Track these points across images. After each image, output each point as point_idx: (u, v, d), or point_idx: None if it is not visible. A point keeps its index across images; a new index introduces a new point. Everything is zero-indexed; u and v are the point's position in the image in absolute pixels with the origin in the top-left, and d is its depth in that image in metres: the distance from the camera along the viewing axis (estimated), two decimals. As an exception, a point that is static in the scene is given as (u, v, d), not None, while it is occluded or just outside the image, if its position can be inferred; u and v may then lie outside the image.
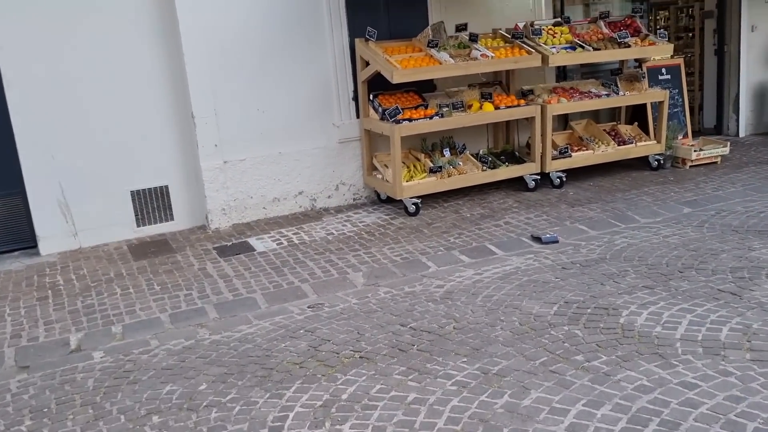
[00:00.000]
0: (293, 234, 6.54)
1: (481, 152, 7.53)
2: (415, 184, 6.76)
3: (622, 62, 8.25)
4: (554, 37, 7.43)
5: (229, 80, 6.60)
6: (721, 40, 9.54)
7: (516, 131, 7.93)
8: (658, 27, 12.83)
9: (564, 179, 7.45)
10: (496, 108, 7.03)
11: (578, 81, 8.14)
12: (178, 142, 6.69)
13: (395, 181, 6.63)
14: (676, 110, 8.62)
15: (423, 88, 7.26)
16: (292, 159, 7.02)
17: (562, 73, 8.54)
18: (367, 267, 5.54)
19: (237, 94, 6.67)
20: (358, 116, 7.19)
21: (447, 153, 7.25)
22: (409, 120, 6.59)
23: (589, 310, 4.30)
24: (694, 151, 8.00)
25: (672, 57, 8.36)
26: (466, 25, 7.10)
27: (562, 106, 7.29)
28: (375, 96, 6.98)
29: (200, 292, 5.24)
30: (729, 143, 8.31)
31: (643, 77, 8.04)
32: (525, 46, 7.13)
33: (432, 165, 6.92)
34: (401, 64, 6.52)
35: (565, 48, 7.31)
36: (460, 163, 7.15)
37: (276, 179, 6.99)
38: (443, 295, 4.83)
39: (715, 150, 8.13)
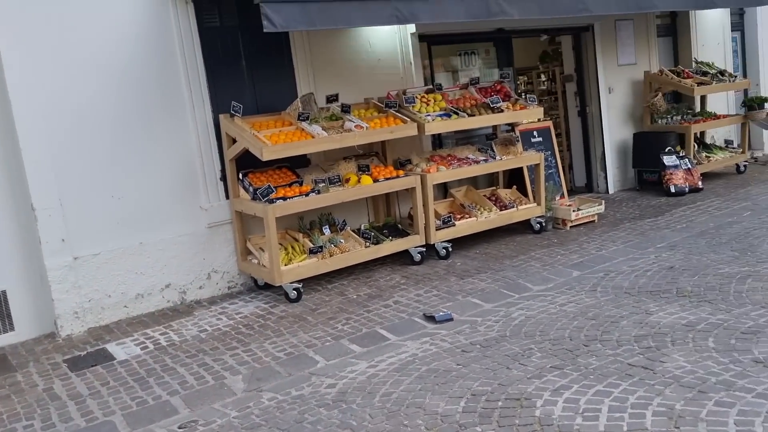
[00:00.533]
0: (161, 334, 5.75)
1: (362, 227, 7.12)
2: (295, 267, 6.21)
3: (495, 127, 8.23)
4: (428, 104, 7.26)
5: (77, 164, 5.84)
6: (583, 102, 9.86)
7: (396, 203, 7.62)
8: (519, 92, 13.30)
9: (450, 249, 7.17)
10: (375, 180, 6.68)
11: (455, 148, 8.01)
12: (17, 239, 5.79)
13: (272, 265, 6.05)
14: (550, 171, 8.69)
15: (297, 164, 6.80)
16: (155, 249, 6.27)
17: (438, 140, 8.40)
18: (247, 368, 4.87)
19: (87, 180, 5.90)
20: (227, 197, 6.60)
21: (327, 231, 6.79)
22: (283, 199, 6.09)
23: (500, 403, 3.88)
24: (573, 211, 8.02)
25: (541, 120, 8.45)
26: (337, 95, 6.78)
27: (442, 174, 7.07)
28: (245, 174, 6.43)
29: (44, 421, 4.35)
30: (602, 201, 8.42)
31: (518, 141, 8.04)
32: (399, 115, 6.89)
33: (312, 245, 6.41)
34: (271, 139, 6.05)
35: (440, 115, 7.15)
36: (342, 240, 6.69)
37: (138, 273, 6.20)
38: (336, 397, 4.25)
39: (592, 209, 8.20)
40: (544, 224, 7.94)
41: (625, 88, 10.06)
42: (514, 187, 8.25)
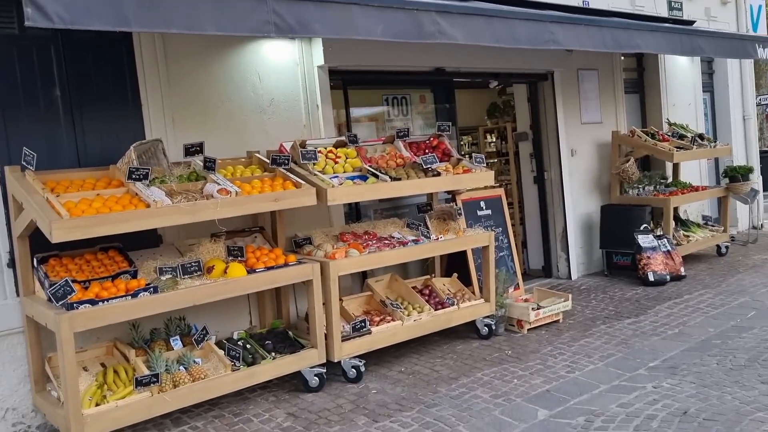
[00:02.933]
0: None
1: (236, 335, 4.91)
2: (111, 409, 3.93)
3: (431, 195, 6.22)
4: (337, 162, 5.21)
5: None
6: (540, 166, 8.01)
7: (293, 298, 5.46)
8: (463, 153, 11.46)
9: (362, 369, 5.01)
10: (251, 271, 4.52)
11: (375, 221, 5.94)
12: None
13: (69, 407, 3.76)
14: (502, 254, 6.69)
15: (137, 243, 4.60)
16: None
17: (355, 211, 6.33)
18: None
19: None
20: (18, 293, 4.32)
21: (177, 344, 4.55)
22: (92, 302, 3.84)
23: None
24: (532, 308, 5.99)
25: (491, 187, 6.52)
26: (201, 145, 4.64)
27: (352, 261, 4.95)
28: (43, 260, 4.19)
29: None
30: (568, 295, 6.44)
31: (460, 214, 6.03)
32: (292, 176, 4.80)
33: (144, 372, 4.15)
34: (76, 208, 3.84)
35: (353, 177, 5.10)
36: (198, 360, 4.46)
37: None
38: None
39: (556, 306, 6.20)
40: (494, 327, 5.88)
41: (590, 150, 8.29)
42: (455, 275, 6.20)
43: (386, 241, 5.37)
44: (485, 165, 5.82)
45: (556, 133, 7.83)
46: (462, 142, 12.79)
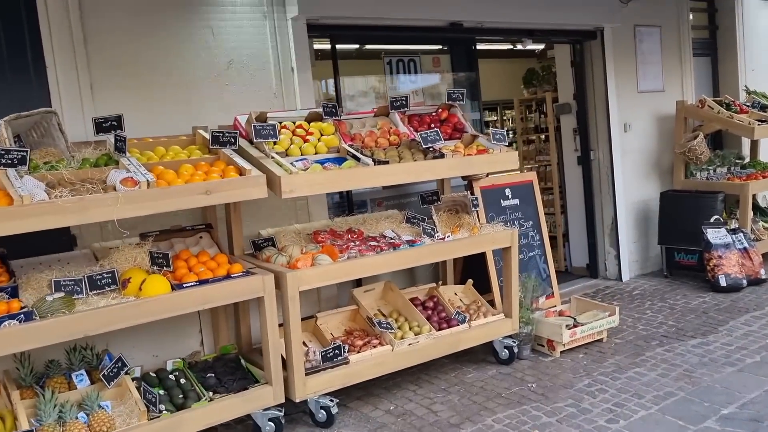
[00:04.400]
0: None
1: (170, 365, 3.81)
2: (-34, 480, 2.88)
3: (441, 182, 4.98)
4: (307, 140, 4.02)
5: None
6: (586, 144, 6.62)
7: (255, 312, 4.30)
8: (488, 124, 10.10)
9: (333, 410, 3.84)
10: (177, 286, 3.39)
11: (367, 216, 4.73)
12: None
13: None
14: (532, 254, 5.41)
15: (33, 247, 3.53)
16: None
17: (347, 201, 5.13)
18: None
19: None
20: None
21: (82, 381, 3.47)
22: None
23: None
24: (567, 326, 4.71)
25: (520, 170, 5.22)
26: (118, 119, 3.49)
27: (318, 272, 3.76)
28: None
29: None
30: (615, 306, 5.12)
31: (475, 206, 4.76)
32: (237, 159, 3.62)
33: (25, 426, 3.08)
34: None
35: (326, 160, 3.90)
36: (106, 404, 3.37)
37: None
38: None
39: (598, 322, 4.89)
40: (516, 349, 4.63)
41: (648, 125, 6.84)
42: (469, 282, 4.95)
43: (373, 243, 4.16)
44: (506, 143, 4.52)
45: (605, 104, 6.42)
46: (506, 117, 11.48)
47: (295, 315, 3.66)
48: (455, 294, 4.89)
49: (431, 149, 4.22)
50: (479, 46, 5.85)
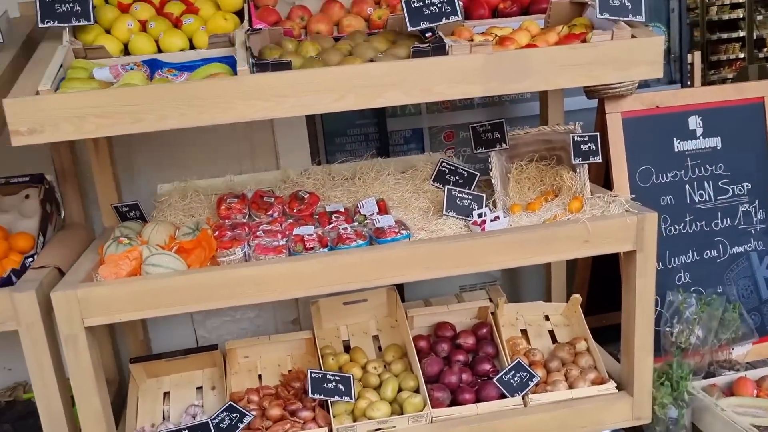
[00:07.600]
0: None
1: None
2: None
3: (546, 101, 2.57)
4: (179, 23, 2.05)
5: None
6: None
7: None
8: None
9: None
10: None
11: (367, 163, 2.57)
12: None
13: None
14: (742, 250, 2.67)
15: None
16: None
17: (377, 133, 2.99)
18: None
19: None
20: None
21: None
22: None
23: None
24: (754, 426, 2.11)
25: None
26: None
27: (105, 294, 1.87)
28: None
29: None
30: None
31: (590, 153, 2.28)
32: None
33: None
34: None
35: (189, 64, 1.92)
36: None
37: None
38: None
39: None
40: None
41: None
42: (576, 298, 2.54)
43: (316, 231, 2.10)
44: (642, 17, 1.97)
45: None
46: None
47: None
48: (546, 319, 2.56)
49: (431, 36, 1.92)
50: None
